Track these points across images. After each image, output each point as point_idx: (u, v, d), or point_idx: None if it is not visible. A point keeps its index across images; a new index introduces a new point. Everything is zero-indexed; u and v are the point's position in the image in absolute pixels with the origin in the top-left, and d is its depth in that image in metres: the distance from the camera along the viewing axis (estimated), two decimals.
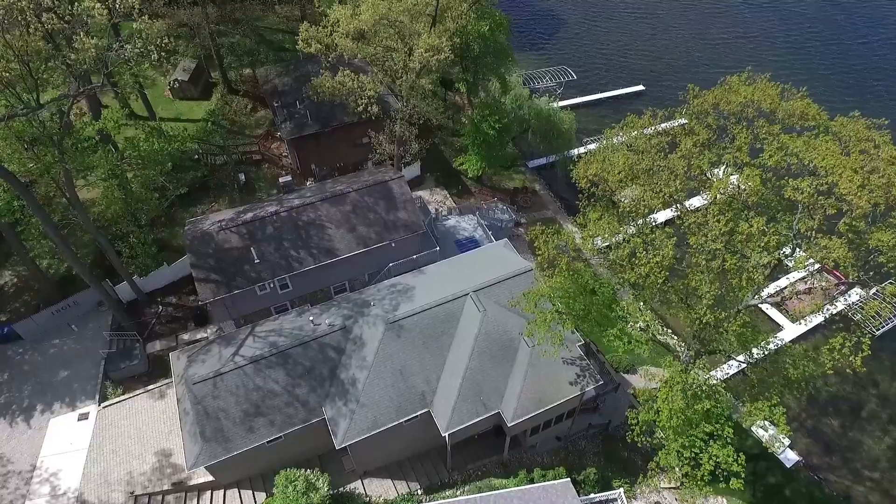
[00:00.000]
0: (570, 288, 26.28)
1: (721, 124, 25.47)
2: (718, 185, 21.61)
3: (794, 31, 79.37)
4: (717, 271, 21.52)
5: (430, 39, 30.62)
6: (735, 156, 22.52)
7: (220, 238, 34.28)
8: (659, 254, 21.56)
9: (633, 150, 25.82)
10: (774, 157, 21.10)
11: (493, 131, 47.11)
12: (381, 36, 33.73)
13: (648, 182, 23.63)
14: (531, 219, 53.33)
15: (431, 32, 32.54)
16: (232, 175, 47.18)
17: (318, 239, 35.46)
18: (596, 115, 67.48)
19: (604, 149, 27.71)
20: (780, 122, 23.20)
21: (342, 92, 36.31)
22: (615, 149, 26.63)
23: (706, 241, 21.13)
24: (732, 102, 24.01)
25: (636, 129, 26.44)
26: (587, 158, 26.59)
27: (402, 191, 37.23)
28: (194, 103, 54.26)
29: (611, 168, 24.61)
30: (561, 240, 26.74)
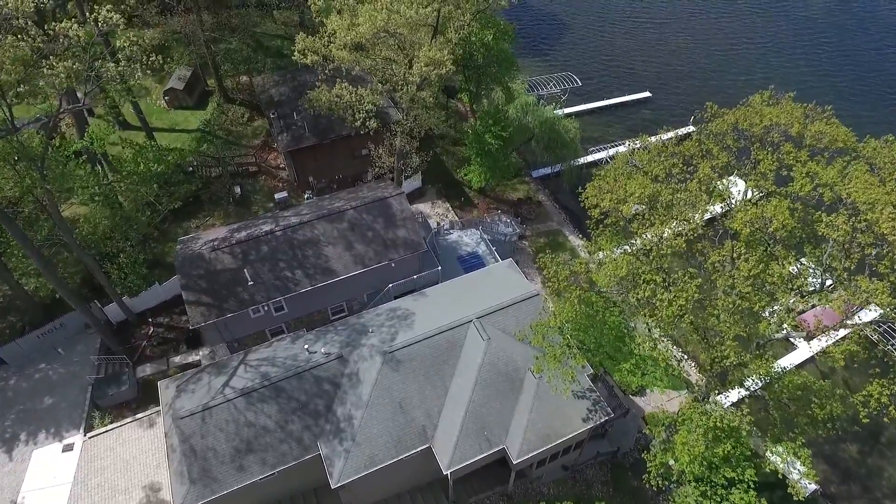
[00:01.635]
0: (580, 320, 24.73)
1: (742, 146, 23.90)
2: (743, 217, 20.04)
3: (803, 37, 77.66)
4: (743, 314, 19.99)
5: (430, 52, 29.10)
6: (759, 183, 20.94)
7: (211, 258, 32.81)
8: (681, 296, 20.01)
9: (647, 173, 24.17)
10: (806, 188, 19.53)
11: (497, 142, 45.57)
12: (380, 47, 32.16)
13: (667, 217, 22.00)
14: (535, 231, 51.84)
15: (432, 45, 31.02)
16: (227, 188, 45.72)
17: (314, 259, 33.97)
18: (601, 123, 66.00)
19: (615, 169, 26.11)
20: (807, 147, 21.59)
21: (339, 105, 34.79)
22: (629, 174, 24.99)
23: (733, 283, 19.56)
24: (756, 125, 22.35)
25: (650, 152, 24.71)
26: (598, 184, 24.99)
27: (402, 207, 35.72)
28: (189, 112, 52.88)
29: (624, 195, 23.02)
30: (572, 268, 25.01)
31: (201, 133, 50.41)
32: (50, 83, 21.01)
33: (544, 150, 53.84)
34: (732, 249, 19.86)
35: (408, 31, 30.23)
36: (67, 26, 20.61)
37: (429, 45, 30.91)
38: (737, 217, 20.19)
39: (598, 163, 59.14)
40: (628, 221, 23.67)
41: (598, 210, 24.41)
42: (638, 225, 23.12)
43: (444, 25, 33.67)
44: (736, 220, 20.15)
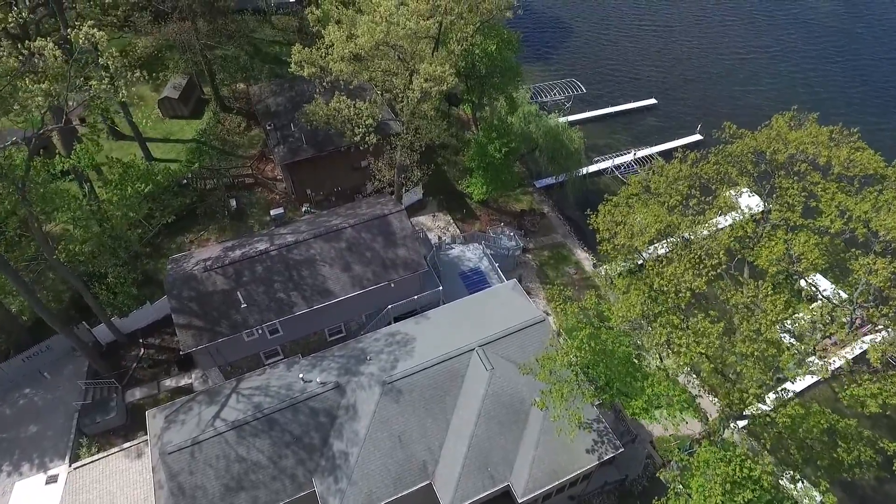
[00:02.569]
0: (590, 356, 23.35)
1: (762, 170, 22.51)
2: (769, 254, 18.64)
3: (811, 42, 76.19)
4: (767, 357, 18.61)
5: (431, 68, 27.74)
6: (785, 215, 19.54)
7: (203, 279, 31.49)
8: (703, 342, 18.61)
9: (663, 203, 22.75)
10: (836, 225, 18.14)
11: (500, 154, 44.23)
12: (379, 59, 30.79)
13: (685, 254, 20.60)
14: (539, 244, 50.48)
15: (433, 58, 29.66)
16: (223, 201, 44.41)
17: (311, 280, 32.64)
18: (606, 131, 64.66)
19: (627, 195, 24.71)
20: (834, 175, 20.18)
21: (337, 120, 33.44)
22: (644, 202, 23.59)
23: (759, 328, 18.14)
24: (780, 152, 20.92)
25: (665, 177, 23.33)
26: (609, 212, 23.58)
27: (402, 225, 34.38)
28: (185, 122, 51.57)
29: (638, 228, 21.62)
30: (581, 305, 23.60)
31: (196, 144, 49.10)
32: (25, 105, 19.73)
33: (548, 161, 52.50)
34: (757, 289, 18.42)
35: (408, 43, 28.89)
36: (42, 45, 19.30)
37: (430, 58, 29.55)
38: (762, 254, 18.80)
39: (603, 172, 57.86)
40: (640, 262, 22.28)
41: (611, 244, 22.97)
42: (654, 265, 21.67)
43: (446, 36, 32.31)
44: (761, 256, 18.76)
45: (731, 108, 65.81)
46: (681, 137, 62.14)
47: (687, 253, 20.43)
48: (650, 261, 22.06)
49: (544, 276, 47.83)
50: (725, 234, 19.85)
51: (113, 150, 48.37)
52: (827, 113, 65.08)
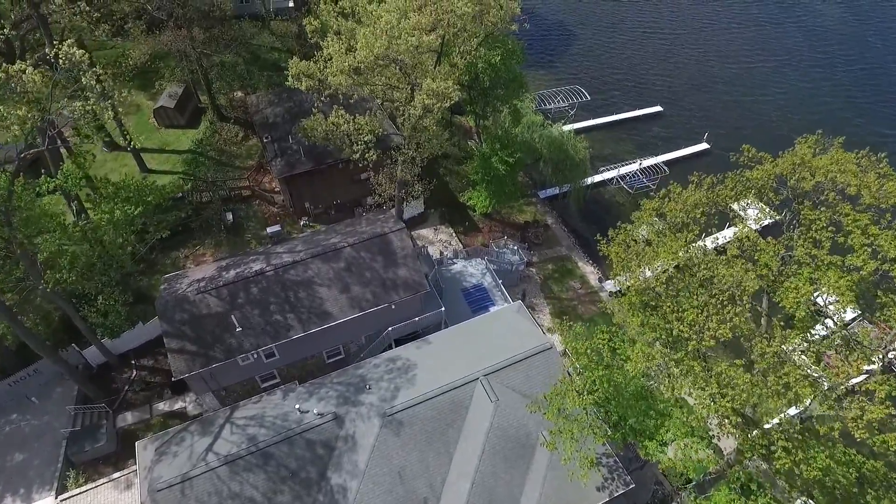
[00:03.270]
0: (602, 393, 22.11)
1: (784, 197, 21.29)
2: (795, 296, 17.38)
3: (819, 49, 74.81)
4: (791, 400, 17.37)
5: (434, 83, 26.54)
6: (812, 252, 18.29)
7: (196, 302, 30.31)
8: (728, 394, 17.34)
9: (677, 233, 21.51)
10: (869, 266, 16.91)
11: (504, 167, 43.01)
12: (379, 73, 29.60)
13: (706, 297, 19.27)
14: (543, 257, 49.28)
15: (436, 72, 28.48)
16: (219, 214, 43.23)
17: (308, 301, 31.45)
18: (611, 139, 63.40)
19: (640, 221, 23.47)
20: (863, 207, 18.93)
21: (336, 135, 32.25)
22: (658, 232, 22.36)
23: (788, 382, 16.87)
24: (805, 180, 19.67)
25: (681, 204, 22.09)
26: (623, 240, 22.34)
27: (402, 245, 33.18)
28: (181, 132, 50.44)
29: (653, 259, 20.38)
30: (596, 346, 22.35)
31: (193, 155, 47.97)
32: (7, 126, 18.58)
33: (552, 172, 51.28)
34: (782, 338, 17.09)
35: (410, 57, 27.70)
36: (21, 69, 18.13)
37: (432, 72, 28.36)
38: (787, 296, 17.53)
39: (608, 182, 56.65)
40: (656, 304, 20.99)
41: (629, 284, 21.70)
42: (673, 307, 20.32)
43: (448, 48, 31.10)
44: (787, 298, 17.51)
45: (738, 117, 64.63)
46: (687, 146, 60.93)
47: (709, 297, 19.05)
48: (667, 295, 20.83)
49: (549, 291, 46.65)
50: (751, 277, 18.41)
51: (107, 161, 47.40)
52: (836, 123, 63.99)
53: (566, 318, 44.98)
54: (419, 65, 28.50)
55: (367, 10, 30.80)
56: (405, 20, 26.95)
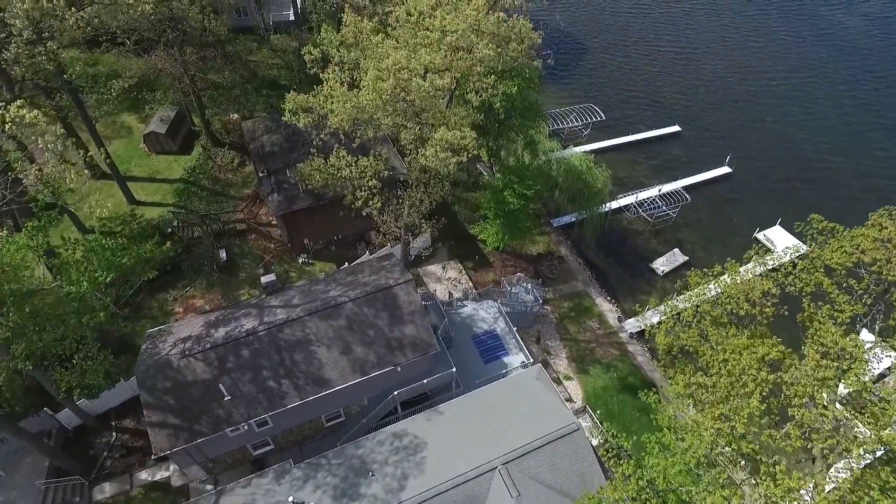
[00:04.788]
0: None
1: (867, 287, 18.00)
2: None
3: (842, 64, 71.34)
4: None
5: (448, 134, 23.38)
6: None
7: (181, 368, 27.22)
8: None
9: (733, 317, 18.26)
10: None
11: (519, 201, 39.75)
12: (384, 116, 26.44)
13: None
14: (558, 293, 46.13)
15: (449, 114, 25.32)
16: (211, 252, 40.16)
17: (305, 365, 28.33)
18: (627, 161, 60.10)
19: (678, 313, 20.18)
20: None
21: (337, 180, 29.12)
22: (715, 321, 19.10)
23: None
24: (893, 262, 16.41)
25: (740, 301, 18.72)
26: (676, 337, 19.11)
27: (409, 299, 30.04)
28: (173, 158, 47.39)
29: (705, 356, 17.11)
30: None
31: (184, 184, 44.90)
32: None
33: (569, 202, 48.10)
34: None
35: (420, 100, 24.56)
36: None
37: (444, 114, 25.17)
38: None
39: (625, 209, 53.43)
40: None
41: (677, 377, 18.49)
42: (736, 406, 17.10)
43: (462, 85, 27.94)
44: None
45: (760, 138, 61.36)
46: (708, 170, 57.71)
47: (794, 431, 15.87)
48: (717, 376, 17.45)
49: (564, 332, 43.52)
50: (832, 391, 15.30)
51: (92, 191, 44.35)
52: (866, 145, 60.58)
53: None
54: (430, 105, 25.35)
55: (373, 42, 27.67)
56: (415, 59, 23.82)
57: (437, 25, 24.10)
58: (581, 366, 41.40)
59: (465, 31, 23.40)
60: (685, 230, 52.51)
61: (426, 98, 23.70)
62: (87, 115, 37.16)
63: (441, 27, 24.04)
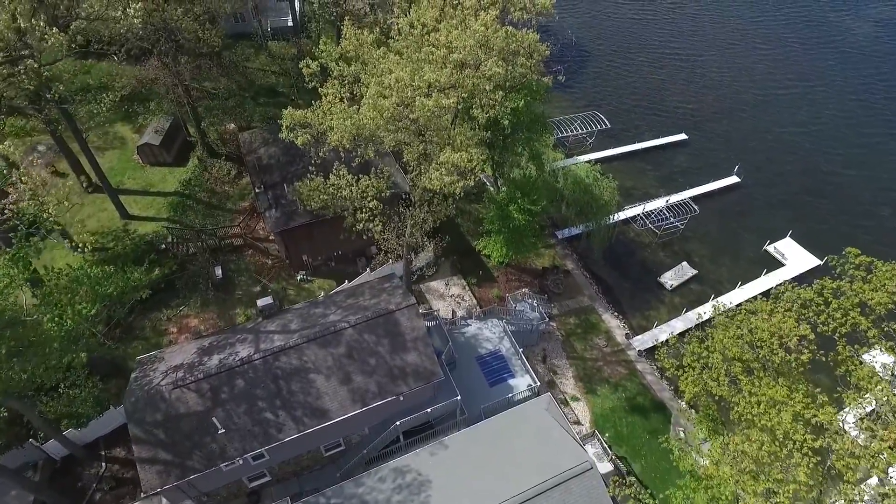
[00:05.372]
0: None
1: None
2: None
3: (851, 71, 69.99)
4: None
5: (454, 155, 22.07)
6: None
7: (172, 401, 25.87)
8: None
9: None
10: None
11: (524, 216, 38.40)
12: (386, 134, 25.12)
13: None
14: (564, 308, 44.81)
15: (455, 133, 24.01)
16: (206, 269, 38.80)
17: (302, 396, 26.99)
18: (633, 170, 58.76)
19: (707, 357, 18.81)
20: None
21: (337, 200, 27.79)
22: (747, 369, 17.73)
23: None
24: None
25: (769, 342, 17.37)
26: (704, 384, 17.76)
27: (412, 325, 28.70)
28: (167, 170, 45.99)
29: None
30: None
31: (179, 197, 43.53)
32: None
33: (576, 215, 46.75)
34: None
35: (424, 119, 23.23)
36: None
37: (449, 132, 23.84)
38: None
39: (631, 220, 52.11)
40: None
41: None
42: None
43: (468, 102, 26.61)
44: None
45: (768, 147, 60.05)
46: (716, 179, 56.43)
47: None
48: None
49: (571, 350, 42.20)
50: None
51: (84, 204, 43.03)
52: (878, 156, 59.10)
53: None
54: (435, 124, 24.01)
55: (374, 56, 26.34)
56: (419, 76, 22.49)
57: (443, 41, 22.78)
58: (588, 385, 40.10)
59: (472, 48, 22.09)
60: (693, 242, 51.21)
61: (430, 118, 22.39)
62: (76, 128, 35.82)
63: (447, 43, 22.72)
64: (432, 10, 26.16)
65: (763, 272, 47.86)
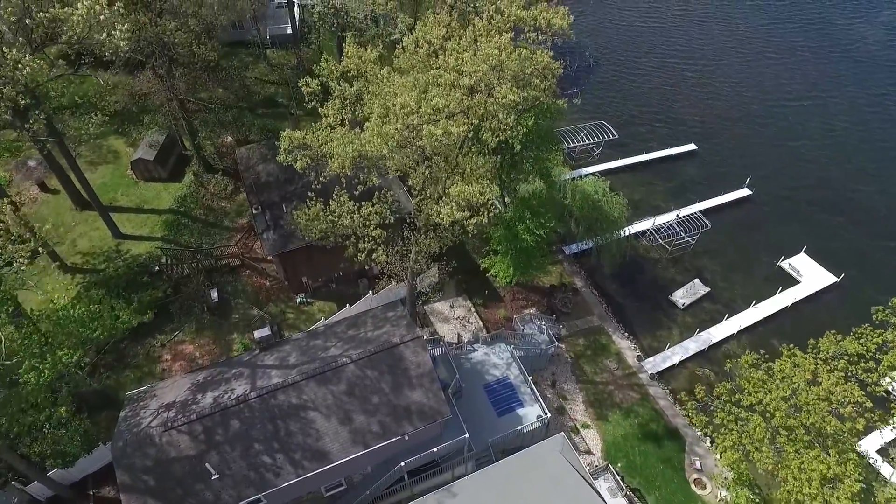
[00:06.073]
0: None
1: None
2: None
3: (865, 80, 68.19)
4: None
5: (466, 189, 20.50)
6: None
7: (163, 444, 24.30)
8: None
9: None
10: None
11: (533, 238, 36.76)
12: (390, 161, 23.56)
13: None
14: (573, 329, 43.29)
15: (464, 162, 22.45)
16: (202, 292, 37.24)
17: (301, 437, 25.43)
18: (641, 181, 57.18)
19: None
20: None
21: (337, 227, 26.21)
22: (792, 437, 16.13)
23: None
24: None
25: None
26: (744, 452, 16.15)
27: (418, 360, 27.12)
28: (162, 186, 44.46)
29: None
30: None
31: (174, 215, 41.97)
32: None
33: (585, 231, 45.15)
34: None
35: (432, 147, 21.67)
36: None
37: (460, 164, 22.29)
38: None
39: (641, 235, 50.55)
40: None
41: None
42: None
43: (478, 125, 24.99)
44: None
45: (780, 158, 58.40)
46: (727, 192, 54.84)
47: None
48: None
49: (581, 373, 40.67)
50: None
51: (76, 223, 41.49)
52: (891, 168, 57.50)
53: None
54: (443, 153, 22.43)
55: (378, 77, 24.77)
56: (426, 102, 20.89)
57: (452, 64, 21.22)
58: (599, 411, 38.58)
59: (485, 73, 20.55)
60: (704, 258, 49.64)
61: (439, 147, 20.84)
62: (64, 146, 34.28)
63: (456, 66, 21.15)
64: (439, 27, 24.63)
65: (778, 290, 46.30)
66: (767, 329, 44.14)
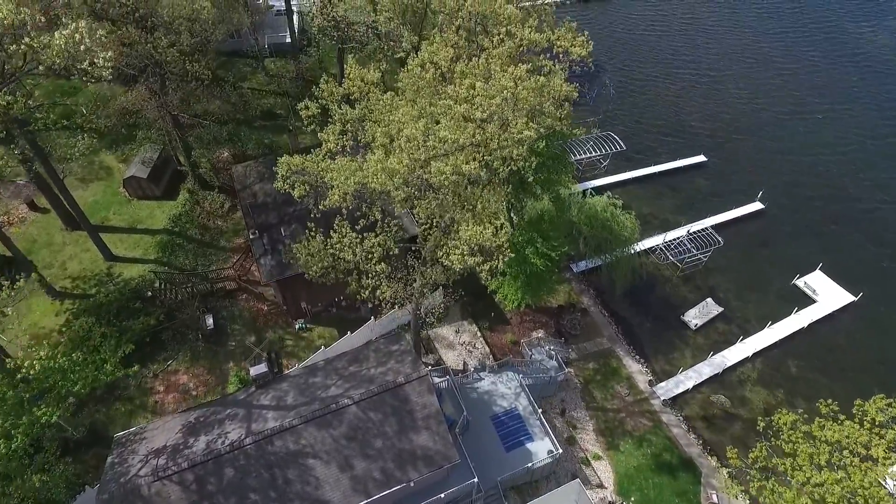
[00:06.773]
0: None
1: None
2: None
3: (878, 89, 66.59)
4: None
5: (477, 232, 18.96)
6: None
7: (151, 496, 22.73)
8: None
9: None
10: None
11: (543, 261, 35.16)
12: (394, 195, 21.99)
13: None
14: (582, 352, 41.74)
15: (474, 197, 20.90)
16: (196, 318, 35.65)
17: (299, 485, 23.86)
18: (649, 194, 55.58)
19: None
20: None
21: (338, 261, 24.65)
22: None
23: None
24: None
25: None
26: None
27: (423, 401, 25.55)
28: (156, 204, 42.83)
29: None
30: None
31: (168, 235, 40.37)
32: None
33: (594, 250, 43.56)
34: None
35: (440, 184, 20.11)
36: None
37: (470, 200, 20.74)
38: None
39: (651, 251, 48.98)
40: None
41: None
42: None
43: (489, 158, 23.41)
44: None
45: (793, 171, 56.81)
46: (739, 206, 53.26)
47: None
48: None
49: (590, 399, 39.11)
50: None
51: (66, 243, 39.91)
52: None
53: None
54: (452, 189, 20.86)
55: (381, 104, 23.21)
56: (434, 135, 19.34)
57: (463, 95, 19.66)
58: (611, 440, 37.02)
59: (499, 106, 19.00)
60: (716, 275, 48.03)
61: (448, 185, 19.30)
62: (50, 166, 32.78)
63: (467, 97, 19.59)
64: (446, 48, 23.09)
65: (794, 310, 44.78)
66: (783, 352, 42.63)
